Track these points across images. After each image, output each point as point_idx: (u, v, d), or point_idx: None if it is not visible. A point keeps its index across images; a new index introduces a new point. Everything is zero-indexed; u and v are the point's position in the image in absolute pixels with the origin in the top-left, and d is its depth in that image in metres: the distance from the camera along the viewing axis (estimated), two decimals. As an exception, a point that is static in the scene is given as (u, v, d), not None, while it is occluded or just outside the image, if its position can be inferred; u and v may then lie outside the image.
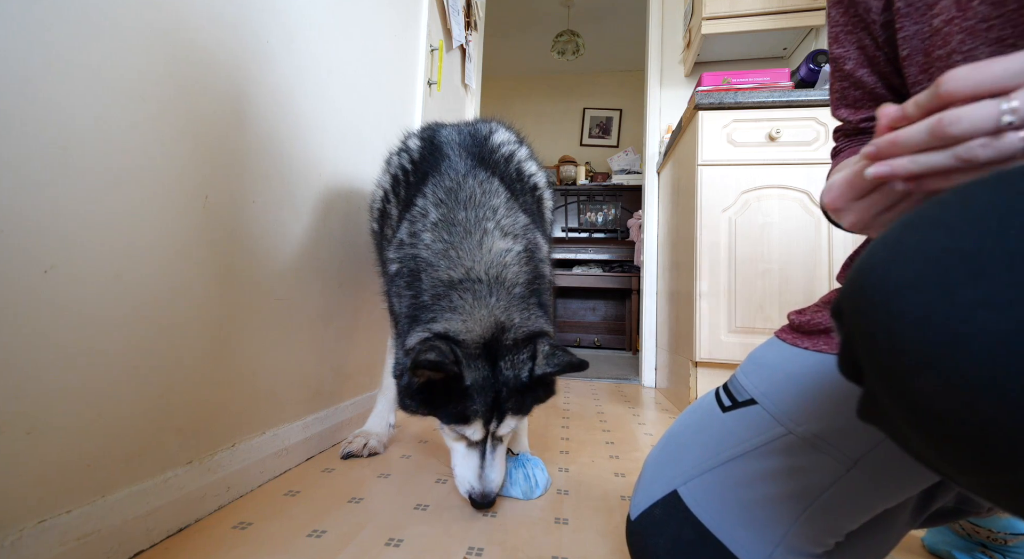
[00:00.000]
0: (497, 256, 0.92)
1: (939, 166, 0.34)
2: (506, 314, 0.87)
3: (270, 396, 1.00)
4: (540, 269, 0.97)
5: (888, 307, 0.29)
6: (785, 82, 1.86)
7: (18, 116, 0.53)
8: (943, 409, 0.27)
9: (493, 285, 0.89)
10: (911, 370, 0.28)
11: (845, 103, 0.68)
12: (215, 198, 0.83)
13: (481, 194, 0.97)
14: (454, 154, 1.03)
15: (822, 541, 0.56)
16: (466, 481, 0.90)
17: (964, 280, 0.26)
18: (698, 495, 0.59)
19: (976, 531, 0.78)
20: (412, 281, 0.94)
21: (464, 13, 2.35)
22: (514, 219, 0.97)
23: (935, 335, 0.27)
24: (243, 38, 0.89)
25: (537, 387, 0.87)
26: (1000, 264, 0.26)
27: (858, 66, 0.64)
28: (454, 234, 0.93)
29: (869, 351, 0.31)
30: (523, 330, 0.87)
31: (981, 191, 0.29)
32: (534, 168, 1.12)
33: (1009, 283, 0.25)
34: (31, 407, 0.55)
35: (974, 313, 0.26)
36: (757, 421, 0.59)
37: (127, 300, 0.67)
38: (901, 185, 0.37)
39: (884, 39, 0.60)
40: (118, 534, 0.65)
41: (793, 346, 0.61)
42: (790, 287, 1.67)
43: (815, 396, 0.55)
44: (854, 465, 0.53)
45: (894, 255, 0.30)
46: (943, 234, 0.28)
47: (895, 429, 0.33)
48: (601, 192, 4.37)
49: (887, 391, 0.31)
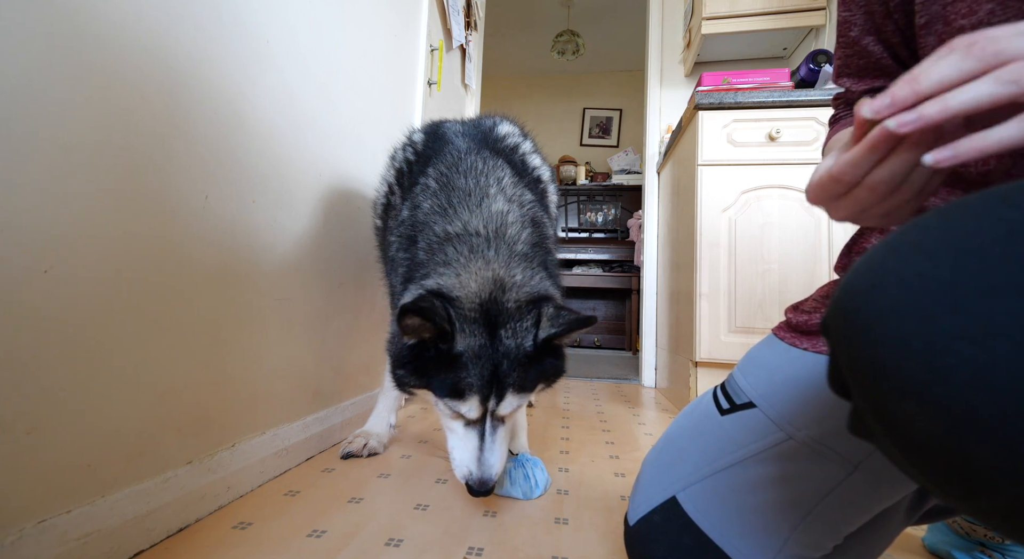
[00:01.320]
0: (498, 214, 0.85)
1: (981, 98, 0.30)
2: (507, 270, 0.80)
3: (270, 396, 1.00)
4: (546, 241, 0.90)
5: (870, 333, 0.29)
6: (785, 82, 1.86)
7: (18, 116, 0.53)
8: (924, 435, 0.27)
9: (492, 239, 0.82)
10: (892, 395, 0.28)
11: (848, 72, 0.65)
12: (215, 198, 0.83)
13: (483, 166, 0.93)
14: (458, 140, 1.02)
15: (822, 545, 0.55)
16: (463, 465, 0.83)
17: (943, 309, 0.26)
18: (697, 501, 0.58)
19: (975, 530, 0.78)
20: (408, 245, 0.89)
21: (464, 13, 2.35)
22: (518, 191, 0.92)
23: (915, 364, 0.27)
24: (243, 38, 0.89)
25: (543, 358, 0.80)
26: (978, 294, 0.25)
27: (864, 33, 0.61)
28: (453, 196, 0.88)
29: (852, 373, 0.31)
30: (526, 291, 0.79)
31: (963, 217, 0.28)
32: (539, 161, 1.12)
33: (987, 315, 0.25)
34: (31, 407, 0.55)
35: (952, 343, 0.26)
36: (756, 425, 0.58)
37: (127, 300, 0.67)
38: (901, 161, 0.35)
39: (896, 3, 0.56)
40: (118, 534, 0.65)
41: (792, 346, 0.60)
42: (790, 287, 1.67)
43: (815, 399, 0.54)
44: (855, 469, 0.52)
45: (877, 280, 0.30)
46: (924, 260, 0.28)
47: (883, 447, 0.33)
48: (601, 192, 4.38)
49: (871, 413, 0.31)
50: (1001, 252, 0.26)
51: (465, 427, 0.83)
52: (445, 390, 0.78)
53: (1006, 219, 0.26)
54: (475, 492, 0.81)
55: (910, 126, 0.33)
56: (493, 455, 0.82)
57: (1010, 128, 0.30)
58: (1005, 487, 0.25)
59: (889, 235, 0.31)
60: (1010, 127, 0.30)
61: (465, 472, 0.83)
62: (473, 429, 0.83)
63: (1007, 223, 0.26)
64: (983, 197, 0.29)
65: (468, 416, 0.81)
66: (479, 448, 0.82)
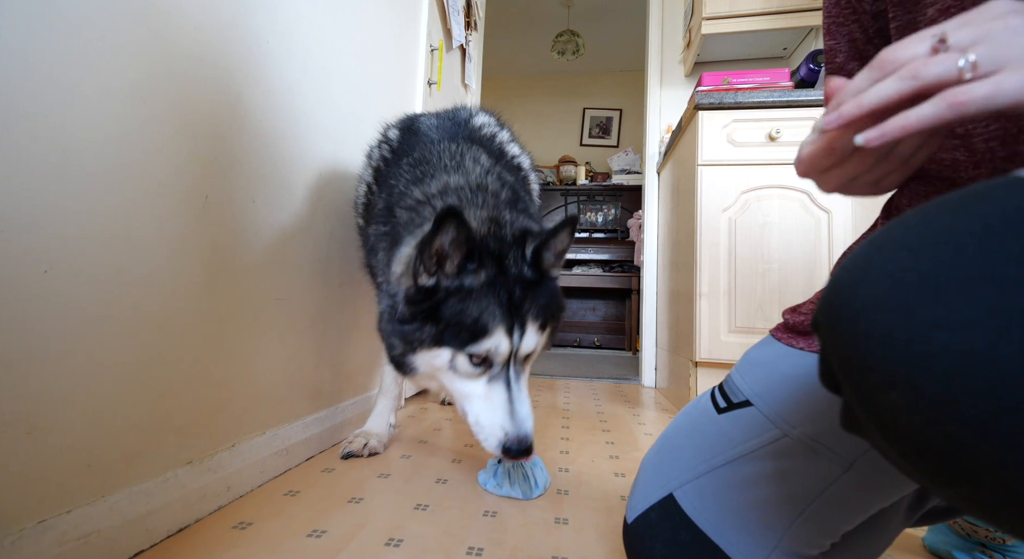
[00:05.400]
0: (478, 177, 0.86)
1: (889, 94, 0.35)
2: (496, 212, 0.80)
3: (270, 396, 1.00)
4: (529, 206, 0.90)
5: (855, 326, 0.30)
6: (785, 82, 1.86)
7: (18, 116, 0.53)
8: (909, 425, 0.28)
9: (477, 191, 0.83)
10: (878, 387, 0.29)
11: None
12: (215, 198, 0.83)
13: (459, 149, 0.93)
14: (432, 133, 1.02)
15: (818, 543, 0.55)
16: (495, 427, 0.75)
17: (924, 301, 0.27)
18: (694, 498, 0.59)
19: (975, 530, 0.78)
20: (387, 217, 0.88)
21: (464, 13, 2.35)
22: (497, 169, 0.92)
23: (897, 354, 0.28)
24: (243, 38, 0.89)
25: (546, 285, 0.78)
26: (956, 286, 0.27)
27: (849, 59, 0.64)
28: (429, 168, 0.88)
29: (841, 367, 0.33)
30: (518, 226, 0.80)
31: (942, 213, 0.30)
32: (517, 150, 1.12)
33: (964, 305, 0.26)
34: (31, 407, 0.55)
35: (932, 333, 0.27)
36: (752, 423, 0.58)
37: (127, 300, 0.67)
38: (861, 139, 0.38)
39: (875, 30, 0.60)
40: (118, 534, 0.65)
41: (788, 346, 0.60)
42: (790, 287, 1.67)
43: (810, 397, 0.55)
44: (850, 466, 0.53)
45: (861, 275, 0.31)
46: (905, 256, 0.29)
47: (873, 440, 0.34)
48: (601, 192, 4.38)
49: (860, 405, 0.32)
50: (977, 245, 0.27)
51: (488, 383, 0.76)
52: (465, 331, 0.73)
53: (982, 214, 0.28)
54: (515, 453, 0.74)
55: (834, 123, 0.38)
56: (524, 406, 0.75)
57: (926, 107, 0.33)
58: (986, 474, 0.26)
59: (874, 233, 0.33)
60: (926, 107, 0.33)
61: (500, 435, 0.75)
62: (498, 381, 0.76)
63: (983, 218, 0.28)
64: (962, 194, 0.30)
65: (497, 354, 0.75)
66: (509, 400, 0.75)
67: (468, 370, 0.77)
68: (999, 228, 0.27)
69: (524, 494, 0.96)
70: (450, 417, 1.62)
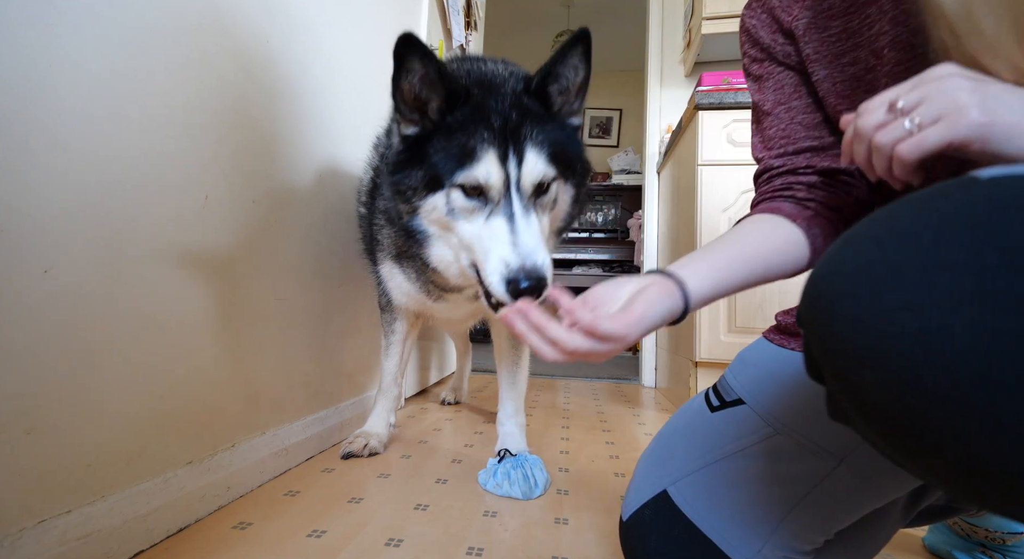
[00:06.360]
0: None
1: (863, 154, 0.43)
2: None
3: (270, 396, 1.00)
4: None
5: (831, 313, 0.33)
6: (785, 82, 1.86)
7: (18, 116, 0.53)
8: (880, 402, 0.31)
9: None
10: (852, 368, 0.32)
11: (767, 146, 0.74)
12: (215, 198, 0.83)
13: None
14: None
15: (811, 539, 0.56)
16: (496, 261, 0.64)
17: (889, 287, 0.30)
18: (687, 494, 0.60)
19: (975, 531, 0.78)
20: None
21: (464, 13, 2.35)
22: None
23: (866, 335, 0.31)
24: (243, 38, 0.89)
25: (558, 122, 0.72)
26: (917, 272, 0.29)
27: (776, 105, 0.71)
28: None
29: (821, 352, 0.35)
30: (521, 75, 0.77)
31: (906, 209, 0.33)
32: None
33: (925, 288, 0.29)
34: (31, 407, 0.55)
35: (896, 315, 0.29)
36: (744, 421, 0.60)
37: (127, 300, 0.67)
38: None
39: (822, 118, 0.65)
40: (118, 534, 0.65)
41: (780, 347, 0.62)
42: (790, 287, 1.66)
43: (801, 396, 0.56)
44: (840, 463, 0.54)
45: (836, 267, 0.34)
46: (873, 247, 0.33)
47: (856, 426, 0.36)
48: (601, 192, 4.37)
49: (839, 389, 0.35)
50: (933, 235, 0.30)
51: (488, 218, 0.67)
52: (453, 161, 0.67)
53: (940, 208, 0.31)
54: (526, 290, 0.62)
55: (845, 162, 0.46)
56: (531, 236, 0.65)
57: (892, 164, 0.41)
58: (948, 444, 0.29)
59: (847, 230, 0.36)
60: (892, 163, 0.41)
61: (501, 269, 0.63)
62: (498, 215, 0.67)
63: (939, 211, 0.31)
64: (926, 192, 0.33)
65: (488, 183, 0.67)
66: (510, 231, 0.65)
67: (464, 205, 0.69)
68: (953, 220, 0.30)
69: (524, 494, 0.96)
70: (450, 417, 1.62)
